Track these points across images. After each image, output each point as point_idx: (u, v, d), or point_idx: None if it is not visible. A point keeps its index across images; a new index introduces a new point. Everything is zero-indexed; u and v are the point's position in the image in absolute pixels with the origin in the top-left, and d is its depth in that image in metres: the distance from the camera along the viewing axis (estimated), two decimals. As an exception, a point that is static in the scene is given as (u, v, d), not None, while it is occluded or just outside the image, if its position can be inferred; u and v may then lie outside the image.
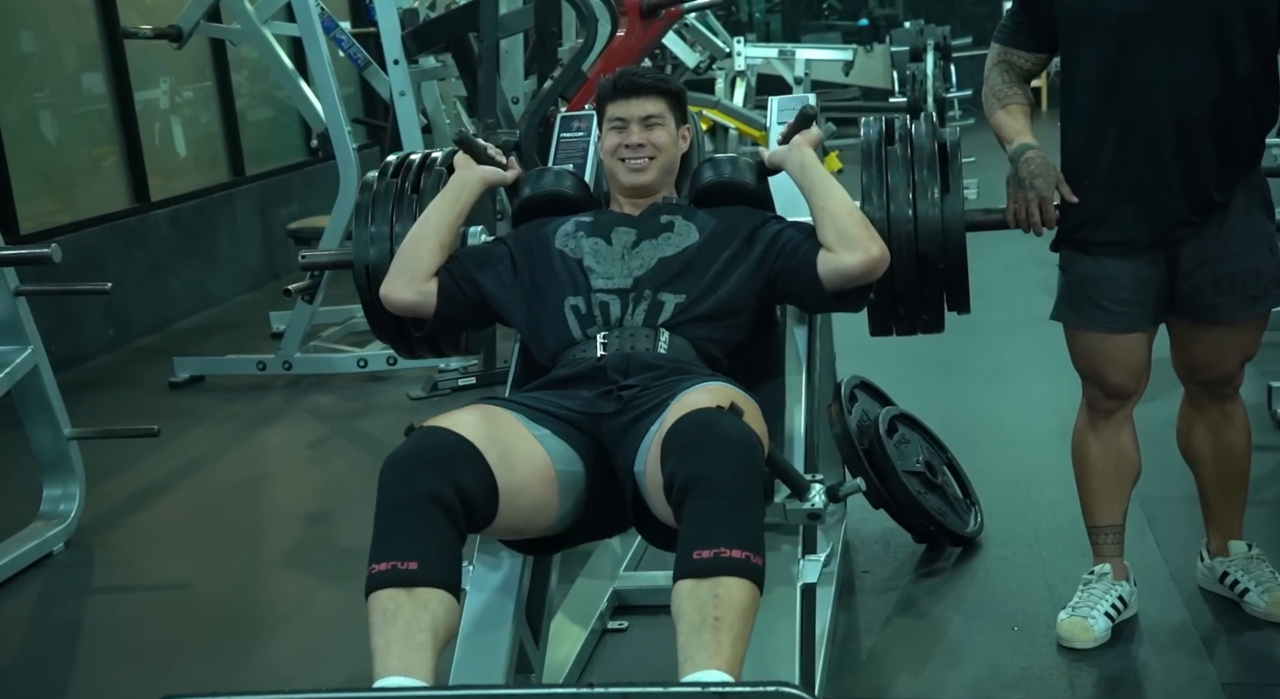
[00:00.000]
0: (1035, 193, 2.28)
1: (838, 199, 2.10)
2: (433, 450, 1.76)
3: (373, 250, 2.34)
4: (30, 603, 3.12)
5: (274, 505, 3.81)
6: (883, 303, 2.28)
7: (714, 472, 1.67)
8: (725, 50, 8.96)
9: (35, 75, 5.68)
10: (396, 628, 1.63)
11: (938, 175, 2.24)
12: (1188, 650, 2.39)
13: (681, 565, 1.64)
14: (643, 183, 2.22)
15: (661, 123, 2.23)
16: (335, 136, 4.83)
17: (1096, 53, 2.25)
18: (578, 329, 2.09)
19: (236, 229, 6.87)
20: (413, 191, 2.36)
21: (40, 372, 3.32)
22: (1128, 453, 2.47)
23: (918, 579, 2.79)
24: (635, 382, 1.97)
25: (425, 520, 1.69)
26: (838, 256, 2.05)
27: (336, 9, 7.01)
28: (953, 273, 2.25)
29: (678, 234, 2.15)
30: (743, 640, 1.62)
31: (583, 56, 4.48)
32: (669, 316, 2.07)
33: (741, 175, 2.25)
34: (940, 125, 2.42)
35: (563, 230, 2.20)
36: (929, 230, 2.22)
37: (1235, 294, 2.29)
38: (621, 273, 2.12)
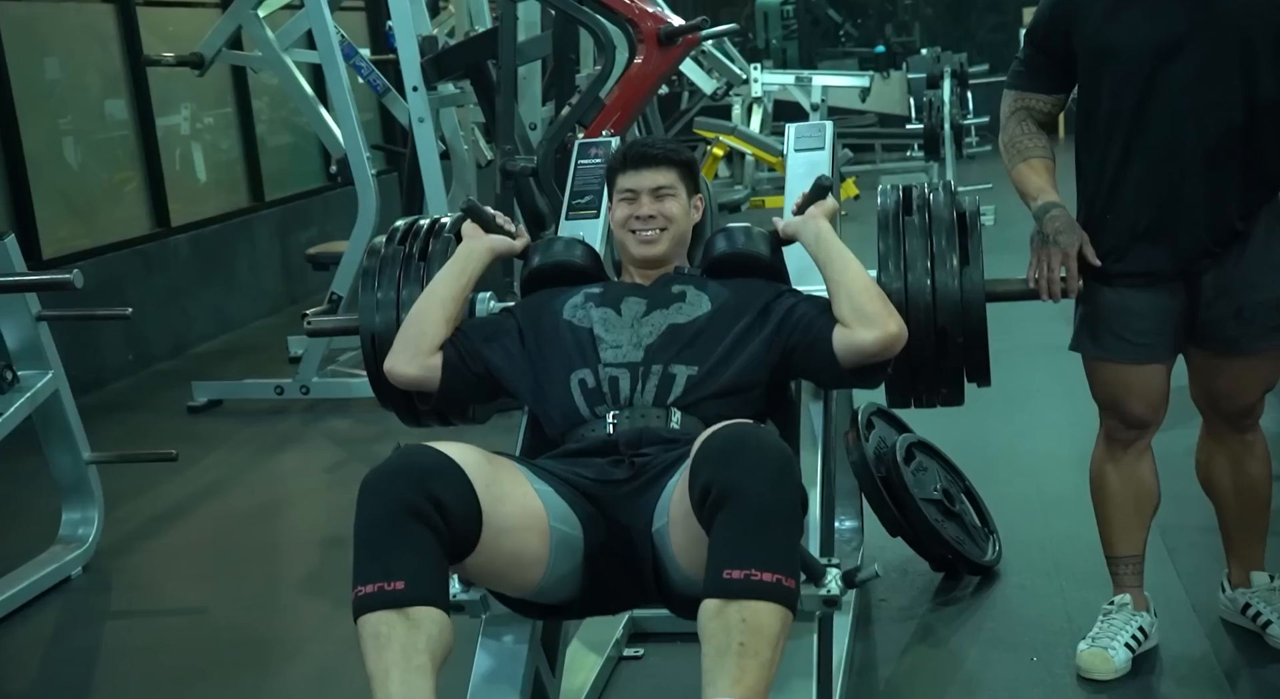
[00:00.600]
0: (1059, 248, 2.22)
1: (854, 273, 2.04)
2: (412, 465, 1.72)
3: (378, 317, 2.29)
4: (49, 627, 3.13)
5: (291, 530, 3.82)
6: (901, 377, 2.21)
7: (750, 483, 1.62)
8: (742, 77, 9.00)
9: (59, 102, 5.75)
10: (393, 652, 1.61)
11: (957, 246, 2.18)
12: (1209, 683, 2.37)
13: (711, 583, 1.61)
14: (654, 255, 2.18)
15: (673, 194, 2.19)
16: (354, 162, 4.87)
17: (1120, 86, 2.22)
18: (585, 407, 2.02)
19: (256, 254, 6.92)
20: (420, 258, 2.31)
21: (61, 396, 3.34)
22: (1147, 483, 2.45)
23: (935, 608, 2.78)
24: (648, 451, 1.92)
25: (407, 535, 1.66)
26: (854, 333, 1.98)
27: (356, 36, 7.07)
28: (973, 346, 2.19)
29: (689, 304, 2.10)
30: (769, 666, 1.59)
31: (600, 83, 4.50)
32: (680, 393, 2.00)
33: (755, 246, 2.19)
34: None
35: (571, 302, 2.15)
36: (948, 304, 2.16)
37: (1258, 324, 2.28)
38: (631, 342, 2.05)
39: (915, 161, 10.21)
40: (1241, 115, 2.19)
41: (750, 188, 9.25)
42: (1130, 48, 2.20)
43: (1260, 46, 2.17)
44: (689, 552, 1.74)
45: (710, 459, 1.66)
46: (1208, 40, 2.16)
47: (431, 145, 4.74)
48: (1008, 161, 2.38)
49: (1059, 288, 2.23)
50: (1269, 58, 2.18)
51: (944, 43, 11.42)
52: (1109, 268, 2.29)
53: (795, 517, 1.67)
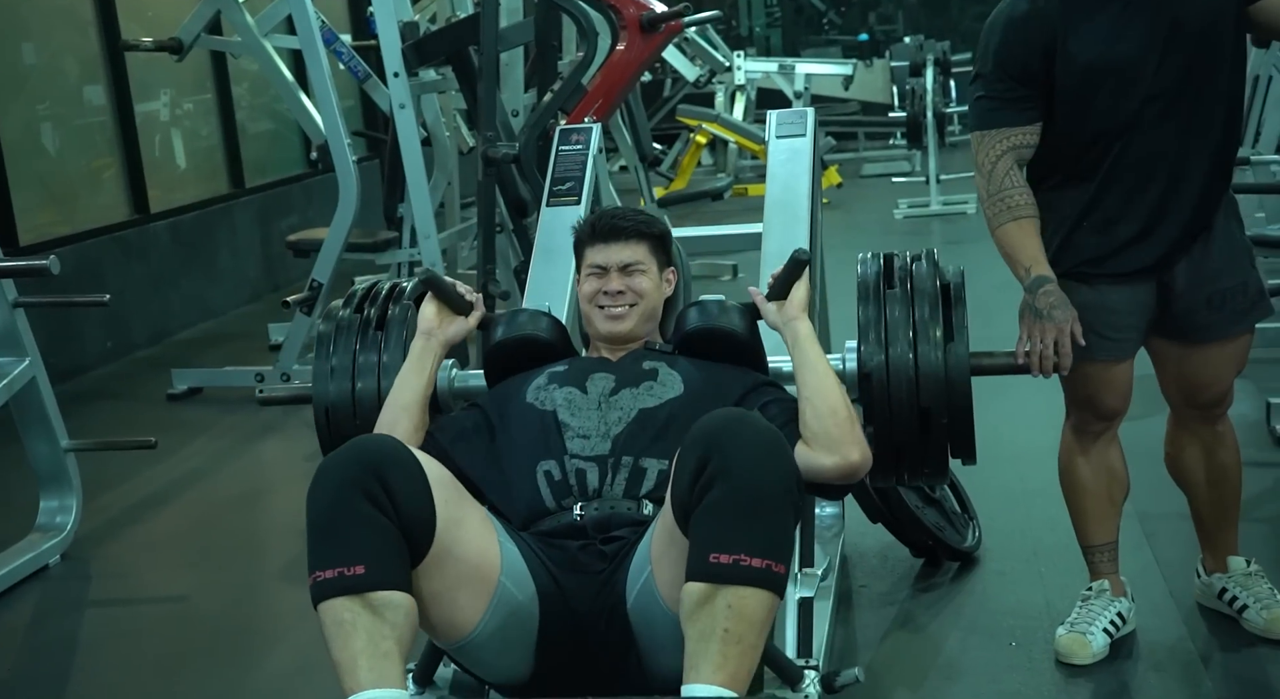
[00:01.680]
0: (1054, 323, 2.15)
1: (826, 390, 1.90)
2: (369, 451, 1.69)
3: (332, 386, 2.19)
4: (26, 616, 3.12)
5: (272, 518, 3.81)
6: (883, 457, 2.10)
7: (743, 459, 1.59)
8: (725, 64, 8.99)
9: (36, 87, 5.70)
10: (358, 639, 1.59)
11: (940, 319, 2.08)
12: (1185, 667, 2.39)
13: (696, 565, 1.58)
14: (621, 331, 2.09)
15: (643, 269, 2.11)
16: (335, 149, 4.84)
17: (1104, 102, 2.20)
18: (551, 500, 1.90)
19: (236, 241, 6.88)
20: (377, 326, 2.22)
21: (38, 383, 3.32)
22: (1117, 470, 2.47)
23: (915, 594, 2.79)
24: (620, 533, 1.83)
25: (363, 518, 1.62)
26: (814, 455, 1.85)
27: (337, 22, 7.04)
28: (957, 424, 2.09)
29: (660, 384, 2.00)
30: (754, 651, 1.58)
31: (583, 70, 4.49)
32: (652, 487, 1.88)
33: (730, 322, 2.08)
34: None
35: (535, 384, 2.04)
36: (932, 382, 2.05)
37: (1227, 310, 2.31)
38: (599, 431, 1.94)
39: (898, 149, 10.24)
40: (1220, 116, 2.22)
41: (733, 175, 9.24)
42: (1111, 63, 2.17)
43: (1226, 42, 2.19)
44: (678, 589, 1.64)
45: (702, 438, 1.63)
46: (1180, 42, 2.17)
47: (413, 132, 4.72)
48: (993, 217, 2.24)
49: (1050, 364, 2.17)
50: (1235, 50, 2.20)
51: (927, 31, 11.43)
52: (1088, 271, 2.29)
53: (788, 496, 1.64)
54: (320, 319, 2.27)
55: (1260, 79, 5.25)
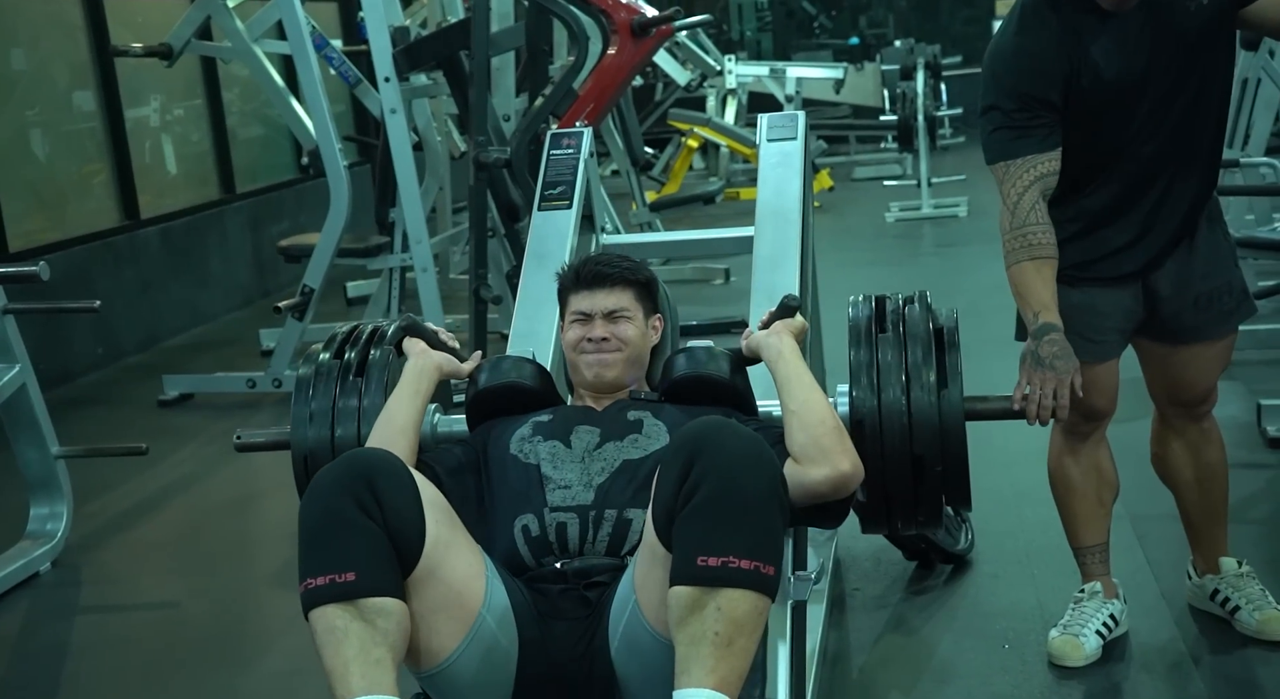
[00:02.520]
0: (1055, 373, 2.11)
1: (812, 403, 1.85)
2: (362, 462, 1.68)
3: (311, 432, 2.12)
4: (17, 623, 3.10)
5: (263, 524, 3.80)
6: (875, 505, 2.06)
7: (728, 466, 1.57)
8: (716, 68, 9.01)
9: (26, 93, 5.68)
10: (350, 646, 1.58)
11: (934, 364, 2.02)
12: (1177, 669, 2.39)
13: (683, 569, 1.55)
14: (607, 378, 2.04)
15: (628, 316, 2.07)
16: (326, 154, 4.83)
17: (1108, 119, 2.20)
18: (530, 557, 1.85)
19: (227, 247, 6.87)
20: (357, 373, 2.15)
21: (28, 390, 3.31)
22: (1106, 471, 2.48)
23: (908, 597, 2.79)
24: (602, 578, 1.79)
25: (354, 526, 1.62)
26: (803, 470, 1.79)
27: (328, 27, 7.02)
28: (952, 472, 2.03)
29: (645, 436, 1.95)
30: (745, 655, 1.57)
31: (574, 74, 4.49)
32: (638, 540, 1.77)
33: (717, 367, 2.03)
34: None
35: (519, 435, 1.98)
36: (925, 429, 1.99)
37: (1214, 310, 2.33)
38: (581, 481, 1.89)
39: (889, 153, 10.25)
40: (1211, 125, 2.24)
41: (725, 179, 9.26)
42: (1116, 81, 2.18)
43: (1220, 56, 2.21)
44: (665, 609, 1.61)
45: (686, 443, 1.61)
46: (1173, 56, 2.18)
47: (404, 137, 4.72)
48: (1010, 252, 2.19)
49: (1048, 413, 2.12)
50: (1224, 65, 2.23)
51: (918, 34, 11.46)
52: (1075, 274, 2.30)
53: (774, 496, 1.61)
54: (300, 364, 2.22)
55: (1249, 82, 5.27)
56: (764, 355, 1.99)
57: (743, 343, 2.06)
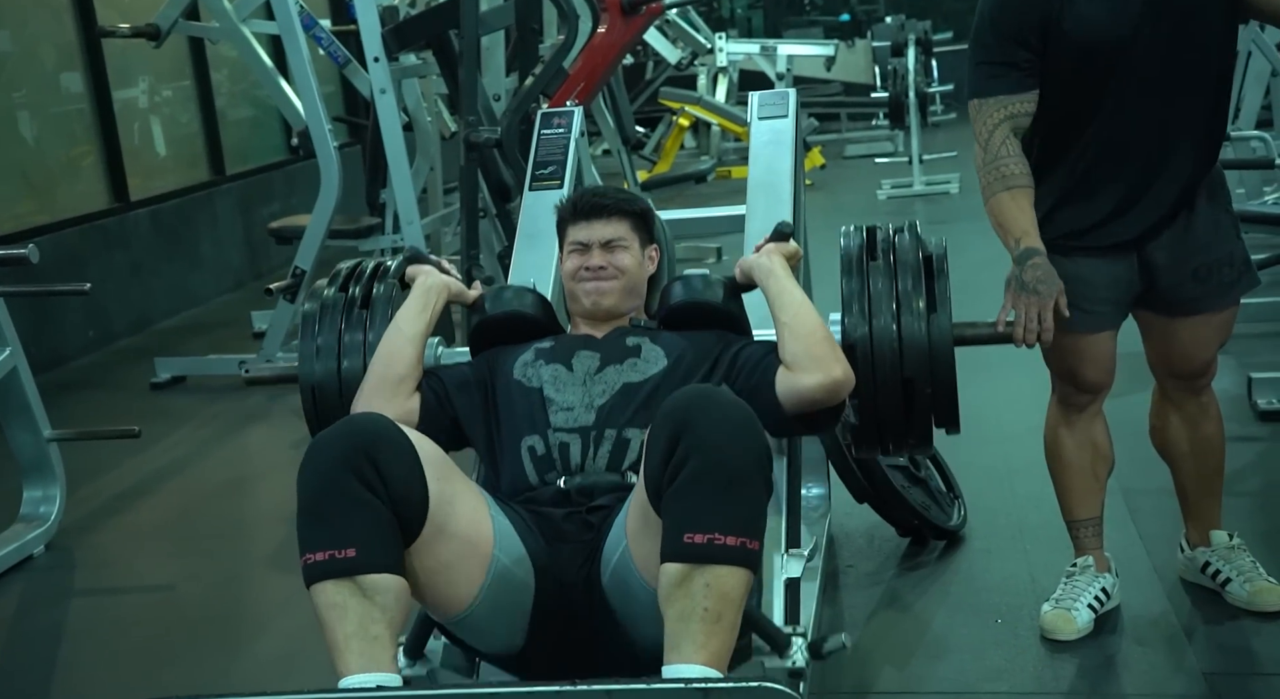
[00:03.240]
0: (1038, 298, 2.15)
1: (803, 314, 1.95)
2: (359, 430, 1.67)
3: (318, 365, 2.17)
4: (11, 606, 3.10)
5: (257, 506, 3.80)
6: (866, 428, 2.12)
7: (715, 434, 1.58)
8: (707, 46, 8.97)
9: (12, 75, 5.64)
10: (349, 622, 1.60)
11: (923, 291, 2.08)
12: (1169, 641, 2.40)
13: (672, 545, 1.57)
14: (604, 307, 2.10)
15: (625, 246, 2.13)
16: (316, 135, 4.81)
17: (1094, 77, 2.20)
18: (535, 475, 1.92)
19: (217, 229, 6.84)
20: (362, 305, 2.20)
21: (19, 373, 3.30)
22: (1101, 445, 2.48)
23: (902, 573, 2.80)
24: (603, 502, 1.84)
25: (354, 499, 1.62)
26: (795, 377, 1.89)
27: (316, 7, 6.98)
28: (941, 395, 2.08)
29: (644, 360, 2.01)
30: (732, 629, 1.59)
31: (564, 53, 4.47)
32: (636, 458, 1.87)
33: (712, 294, 2.10)
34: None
35: (521, 360, 2.05)
36: (915, 353, 2.05)
37: (1213, 283, 2.32)
38: (583, 403, 1.95)
39: (881, 130, 10.23)
40: (1202, 100, 2.22)
41: (716, 158, 9.24)
42: (1102, 38, 2.18)
43: (1215, 20, 2.19)
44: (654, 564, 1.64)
45: (673, 414, 1.62)
46: (1169, 21, 2.17)
47: (394, 117, 4.70)
48: (986, 185, 2.24)
49: (1034, 335, 2.17)
50: (1225, 28, 2.21)
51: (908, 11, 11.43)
52: (1070, 243, 2.30)
53: (760, 475, 1.63)
54: (305, 299, 2.25)
55: (1240, 55, 5.26)
56: (756, 275, 2.05)
57: (737, 270, 2.12)
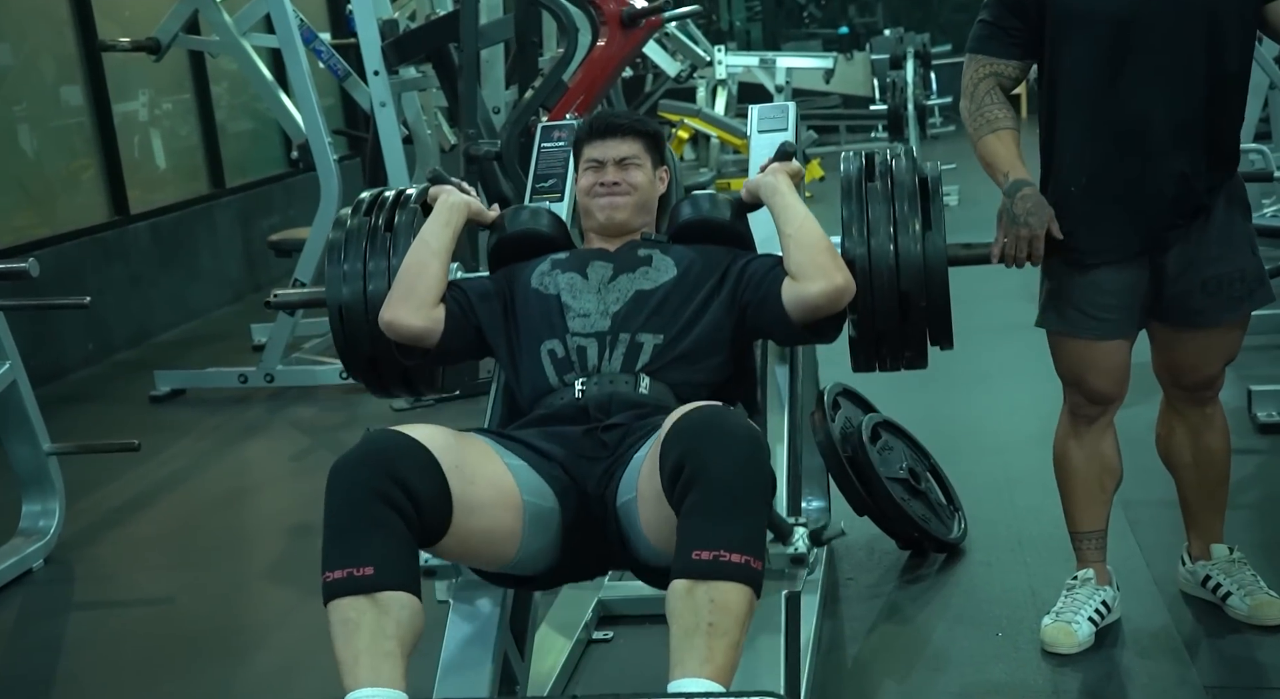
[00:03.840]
0: (1029, 229, 2.21)
1: (806, 228, 2.07)
2: (380, 450, 1.72)
3: (345, 289, 2.27)
4: (10, 620, 3.10)
5: (257, 519, 3.79)
6: (864, 341, 2.24)
7: (720, 463, 1.63)
8: (706, 59, 8.98)
9: (12, 88, 5.65)
10: (362, 638, 1.61)
11: (919, 211, 2.19)
12: (1170, 654, 2.40)
13: (680, 563, 1.61)
14: (617, 220, 2.20)
15: (638, 164, 2.23)
16: (316, 148, 4.82)
17: (1087, 56, 2.22)
18: (554, 376, 2.04)
19: (217, 241, 6.84)
20: (386, 229, 2.31)
21: (19, 386, 3.30)
22: (1110, 458, 2.48)
23: (902, 586, 2.80)
24: (619, 419, 1.94)
25: (375, 520, 1.65)
26: (800, 286, 2.01)
27: (316, 20, 7.00)
28: (935, 309, 2.19)
29: (655, 269, 2.13)
30: (736, 647, 1.60)
31: (563, 66, 4.48)
32: (648, 360, 2.03)
33: (720, 213, 2.23)
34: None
35: (539, 270, 2.17)
36: (911, 268, 2.16)
37: (1222, 296, 2.31)
38: (598, 310, 2.08)
39: (879, 143, 10.25)
40: (1207, 90, 2.20)
41: (715, 170, 9.24)
42: (1099, 16, 2.19)
43: (1226, 20, 2.18)
44: (657, 529, 1.75)
45: (681, 439, 1.66)
46: (1172, 14, 2.17)
47: (394, 130, 4.70)
48: (974, 131, 2.32)
49: (1023, 260, 2.24)
50: (1235, 31, 2.19)
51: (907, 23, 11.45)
52: (1076, 243, 2.29)
53: (764, 498, 1.68)
54: (331, 228, 2.38)
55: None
56: (762, 192, 2.17)
57: (744, 190, 2.23)
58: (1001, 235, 2.26)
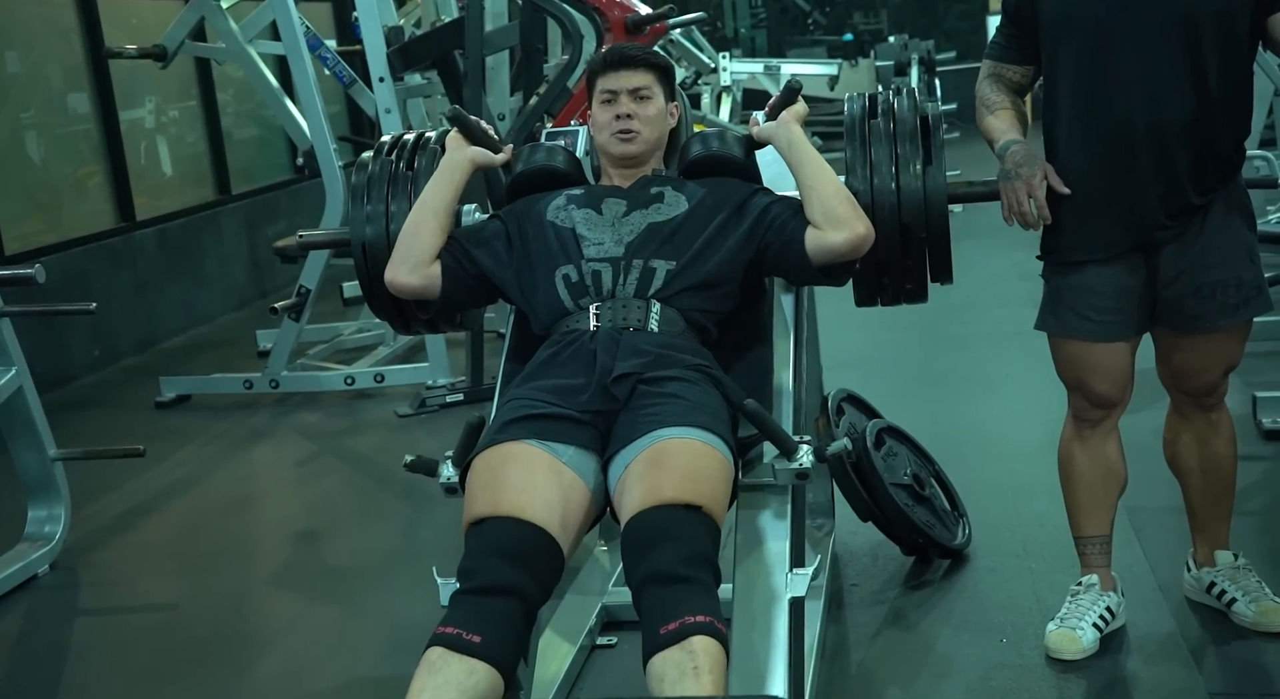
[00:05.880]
0: (1022, 180, 2.27)
1: (825, 178, 2.15)
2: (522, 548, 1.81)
3: (369, 229, 2.38)
4: (16, 626, 3.10)
5: (262, 524, 3.80)
6: (867, 273, 2.31)
7: (667, 565, 1.75)
8: (711, 66, 9.00)
9: (20, 95, 5.67)
10: (435, 679, 1.67)
11: (920, 148, 2.27)
12: (1176, 660, 2.39)
13: (651, 643, 1.69)
14: (631, 152, 2.27)
15: (650, 96, 2.29)
16: (321, 154, 4.83)
17: (1074, 61, 2.27)
18: (569, 299, 2.13)
19: (223, 248, 6.86)
20: (407, 169, 2.41)
21: (25, 392, 3.30)
22: (1114, 463, 2.47)
23: (906, 592, 2.79)
24: (625, 368, 2.01)
25: (504, 611, 1.75)
26: (825, 235, 2.11)
27: (321, 27, 7.03)
28: (935, 243, 2.28)
29: (667, 204, 2.20)
30: (722, 689, 1.66)
31: (568, 73, 4.49)
32: (660, 286, 2.11)
33: (729, 149, 2.31)
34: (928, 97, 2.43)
35: (554, 204, 2.24)
36: (912, 202, 2.24)
37: (1216, 302, 2.31)
38: (613, 240, 2.16)
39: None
40: (1192, 99, 2.21)
41: (720, 177, 9.24)
42: (1080, 23, 2.24)
43: (1205, 32, 2.19)
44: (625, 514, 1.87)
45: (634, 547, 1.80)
46: (1150, 23, 2.19)
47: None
48: (978, 119, 2.41)
49: (1031, 219, 2.28)
50: (1215, 43, 2.19)
51: (911, 30, 11.47)
52: (1068, 242, 2.32)
53: (711, 584, 1.78)
54: (354, 171, 2.49)
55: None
56: (775, 145, 2.24)
57: (751, 129, 2.30)
58: (1003, 197, 2.31)
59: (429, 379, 4.70)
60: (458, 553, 1.85)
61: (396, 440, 4.24)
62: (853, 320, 2.77)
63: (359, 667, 2.68)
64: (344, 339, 5.58)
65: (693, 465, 1.86)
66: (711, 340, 2.16)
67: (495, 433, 1.98)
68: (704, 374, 2.05)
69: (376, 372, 4.87)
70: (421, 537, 3.41)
